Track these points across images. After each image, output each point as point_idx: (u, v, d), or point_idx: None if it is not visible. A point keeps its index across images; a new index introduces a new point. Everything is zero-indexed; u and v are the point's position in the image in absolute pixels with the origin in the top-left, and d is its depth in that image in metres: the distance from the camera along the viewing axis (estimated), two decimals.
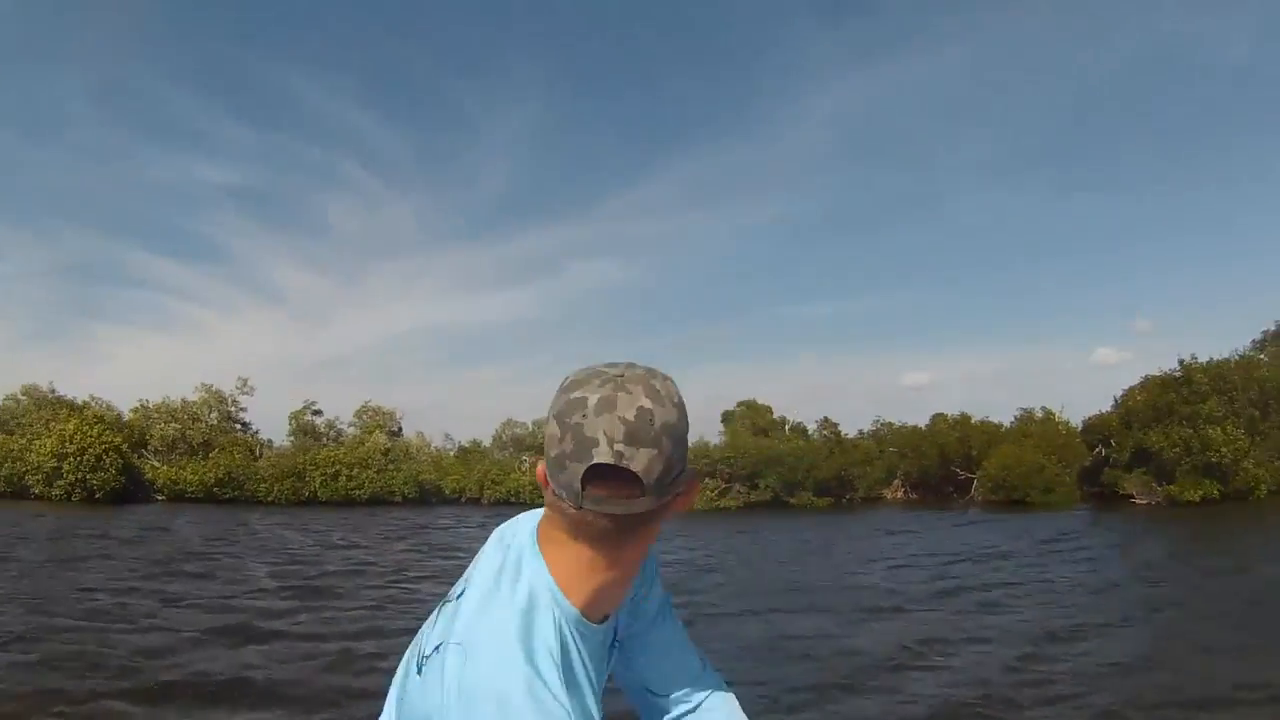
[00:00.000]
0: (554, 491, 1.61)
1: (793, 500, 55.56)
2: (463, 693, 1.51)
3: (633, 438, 1.51)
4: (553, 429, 1.57)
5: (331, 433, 67.96)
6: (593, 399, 1.53)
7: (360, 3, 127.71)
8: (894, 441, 62.92)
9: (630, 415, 1.51)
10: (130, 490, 52.65)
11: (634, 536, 1.65)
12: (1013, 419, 63.27)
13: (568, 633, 1.63)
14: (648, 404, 1.54)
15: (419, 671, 1.66)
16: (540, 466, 1.66)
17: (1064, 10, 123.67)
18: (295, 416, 67.98)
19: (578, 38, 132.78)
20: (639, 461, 1.51)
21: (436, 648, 1.63)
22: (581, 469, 1.51)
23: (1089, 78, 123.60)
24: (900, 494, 61.57)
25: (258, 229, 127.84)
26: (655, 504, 1.58)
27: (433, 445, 69.96)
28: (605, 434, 1.50)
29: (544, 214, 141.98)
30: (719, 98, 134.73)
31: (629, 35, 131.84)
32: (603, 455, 1.50)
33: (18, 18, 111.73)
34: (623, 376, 1.59)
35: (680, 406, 1.62)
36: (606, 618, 1.75)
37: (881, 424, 66.97)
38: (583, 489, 1.53)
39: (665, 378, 1.66)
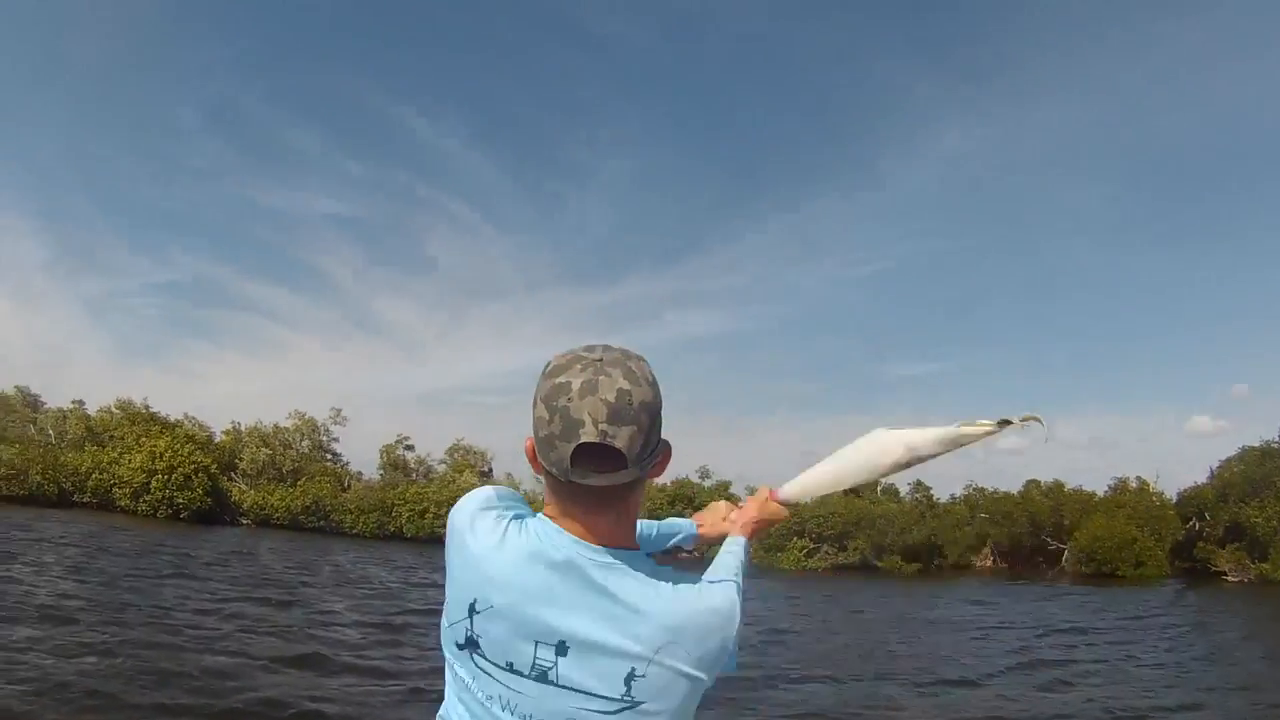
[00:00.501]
0: (544, 467, 1.86)
1: (881, 564, 54.25)
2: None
3: (615, 417, 1.75)
4: (540, 411, 1.82)
5: (422, 469, 68.17)
6: (576, 383, 1.78)
7: (476, 44, 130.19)
8: (986, 507, 61.09)
9: (611, 397, 1.76)
10: (216, 511, 53.21)
11: (620, 502, 1.91)
12: (1107, 488, 61.66)
13: None
14: (626, 385, 1.79)
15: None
16: (529, 443, 1.91)
17: (1160, 78, 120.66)
18: (387, 450, 68.35)
19: (681, 88, 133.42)
20: (621, 439, 1.76)
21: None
22: (570, 448, 1.76)
23: (1194, 138, 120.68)
24: (990, 562, 59.54)
25: (363, 261, 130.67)
26: (636, 474, 1.84)
27: (523, 487, 69.57)
28: (590, 415, 1.75)
29: (644, 262, 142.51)
30: (820, 150, 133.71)
31: (731, 87, 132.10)
32: (589, 435, 1.75)
33: (136, 37, 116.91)
34: (601, 360, 1.83)
35: (654, 385, 1.87)
36: None
37: (974, 489, 64.97)
38: (571, 465, 1.78)
39: (639, 359, 1.90)
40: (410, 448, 68.94)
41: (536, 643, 1.83)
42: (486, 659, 1.89)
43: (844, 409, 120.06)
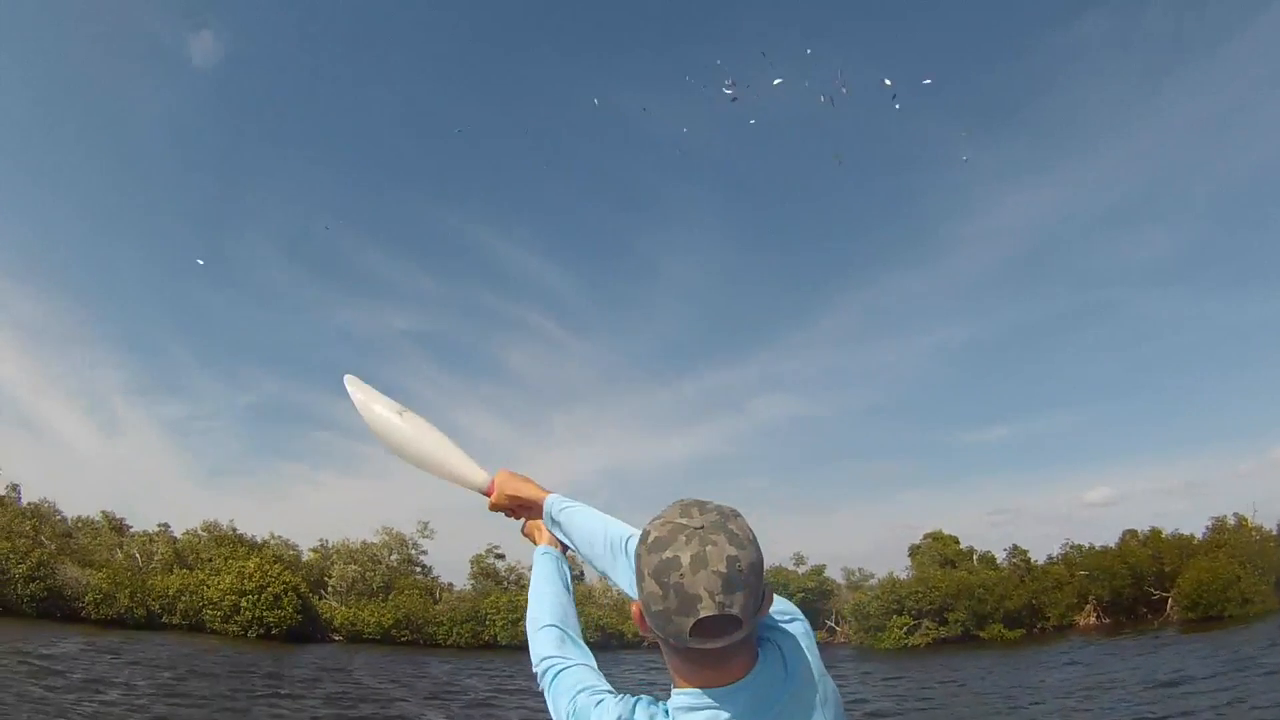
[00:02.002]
0: (659, 636, 1.95)
1: (983, 634, 53.14)
2: None
3: (729, 587, 1.82)
4: (651, 587, 1.88)
5: (513, 576, 67.74)
6: (685, 557, 1.85)
7: (543, 157, 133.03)
8: (1084, 564, 59.81)
9: (723, 568, 1.83)
10: (307, 629, 53.08)
11: (738, 650, 1.96)
12: (1204, 529, 60.41)
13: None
14: (734, 551, 1.85)
15: None
16: (636, 609, 2.01)
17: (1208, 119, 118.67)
18: (477, 560, 68.31)
19: (748, 179, 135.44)
20: (737, 606, 1.83)
21: None
22: (689, 622, 1.83)
23: (1257, 176, 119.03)
24: (1093, 619, 57.87)
25: (441, 374, 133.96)
26: (749, 629, 1.91)
27: (615, 589, 68.66)
28: (706, 590, 1.81)
29: (722, 353, 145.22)
30: (885, 228, 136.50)
31: (796, 174, 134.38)
32: (707, 609, 1.81)
33: (216, 181, 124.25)
34: (703, 529, 1.88)
35: (755, 543, 1.92)
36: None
37: (1071, 546, 64.01)
38: (690, 635, 1.85)
39: (735, 515, 1.96)
40: (500, 556, 68.83)
41: None
42: None
43: (927, 482, 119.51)
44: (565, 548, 2.96)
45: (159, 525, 66.87)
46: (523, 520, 3.18)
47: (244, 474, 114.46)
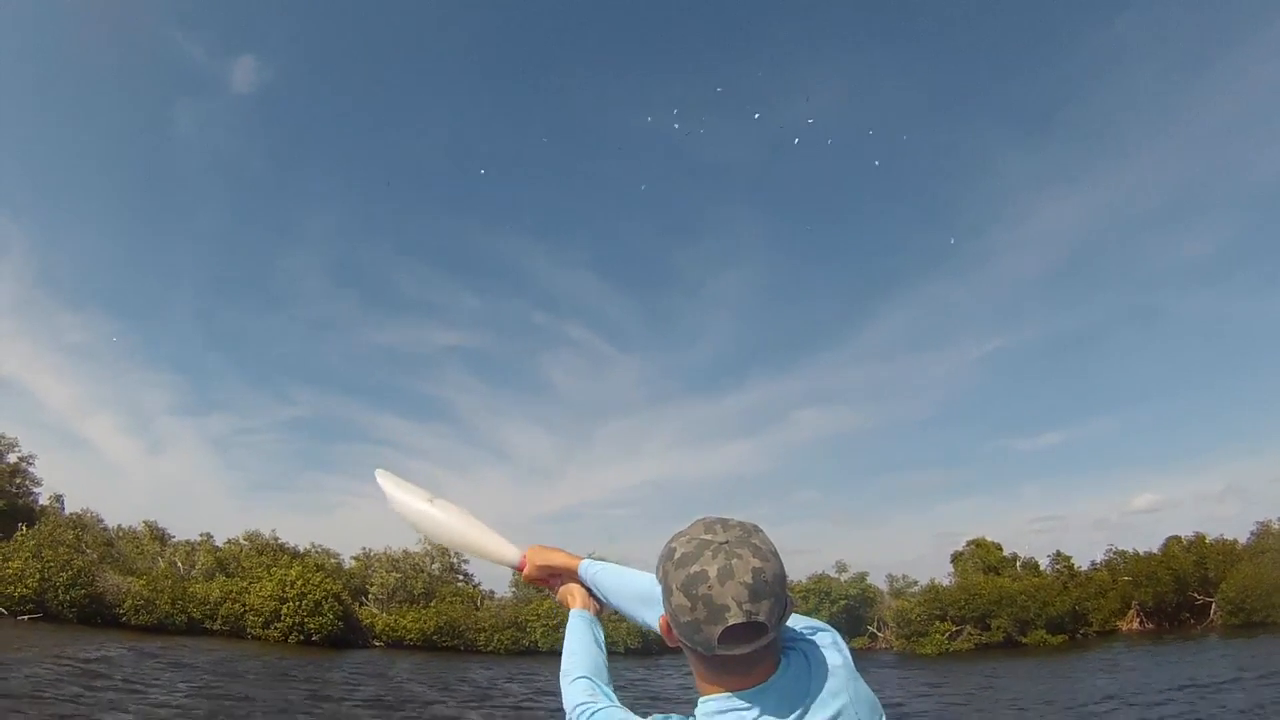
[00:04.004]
0: (686, 645, 2.11)
1: (1026, 640, 53.09)
2: None
3: (755, 596, 1.99)
4: (680, 600, 2.05)
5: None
6: (712, 570, 2.01)
7: (583, 173, 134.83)
8: (1128, 570, 59.86)
9: (749, 579, 2.00)
10: (348, 635, 53.77)
11: (765, 656, 2.11)
12: (1249, 534, 59.84)
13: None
14: (758, 563, 2.03)
15: None
16: (663, 621, 2.18)
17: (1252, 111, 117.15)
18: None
19: (786, 194, 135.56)
20: (763, 613, 2.00)
21: None
22: (718, 630, 2.00)
23: None
24: (1136, 624, 57.85)
25: (484, 389, 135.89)
26: (773, 636, 2.07)
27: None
28: (734, 599, 1.98)
29: (766, 366, 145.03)
30: (928, 238, 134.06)
31: (836, 185, 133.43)
32: (735, 617, 1.98)
33: (260, 204, 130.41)
34: (728, 543, 2.05)
35: (777, 555, 2.09)
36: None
37: (1114, 552, 63.94)
38: (718, 643, 2.01)
39: (758, 530, 2.13)
40: None
41: None
42: None
43: (971, 491, 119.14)
44: (599, 610, 3.14)
45: (202, 535, 67.99)
46: (556, 589, 3.30)
47: (287, 488, 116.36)
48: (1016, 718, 24.69)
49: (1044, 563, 63.76)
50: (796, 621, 2.32)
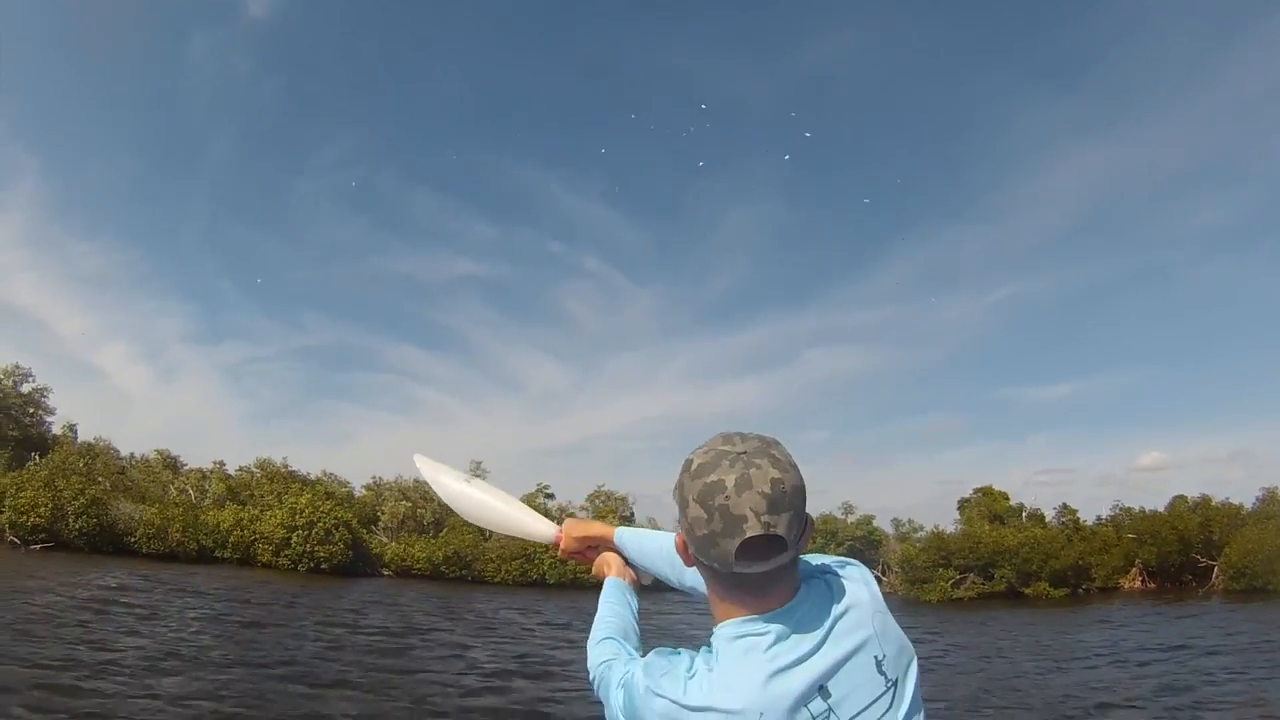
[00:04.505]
0: (702, 562, 2.06)
1: (1028, 591, 53.62)
2: None
3: (773, 507, 1.92)
4: (696, 511, 1.98)
5: (562, 516, 68.43)
6: (729, 480, 1.94)
7: (602, 104, 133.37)
8: (1133, 527, 59.63)
9: (767, 489, 1.92)
10: (357, 564, 54.53)
11: (784, 577, 2.06)
12: (1255, 500, 59.95)
13: None
14: (777, 474, 1.95)
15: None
16: (679, 539, 2.12)
17: None
18: (527, 500, 68.62)
19: (804, 131, 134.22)
20: (782, 526, 1.93)
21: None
22: (735, 543, 1.92)
23: None
24: (1138, 583, 57.86)
25: (498, 318, 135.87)
26: (794, 554, 2.01)
27: (663, 529, 69.65)
28: (751, 510, 1.91)
29: (778, 304, 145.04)
30: (947, 181, 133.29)
31: (857, 124, 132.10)
32: (753, 529, 1.91)
33: (275, 130, 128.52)
34: (746, 453, 1.98)
35: (796, 468, 2.02)
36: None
37: (1120, 509, 63.77)
38: (735, 559, 1.94)
39: (777, 443, 2.06)
40: (550, 496, 69.89)
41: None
42: None
43: (979, 438, 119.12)
44: (635, 579, 3.20)
45: (214, 463, 68.73)
46: (593, 562, 3.36)
47: (299, 416, 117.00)
48: (1011, 667, 25.04)
49: (1049, 515, 63.96)
50: (823, 557, 2.32)
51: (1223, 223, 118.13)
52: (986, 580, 54.34)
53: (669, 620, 29.72)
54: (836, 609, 2.08)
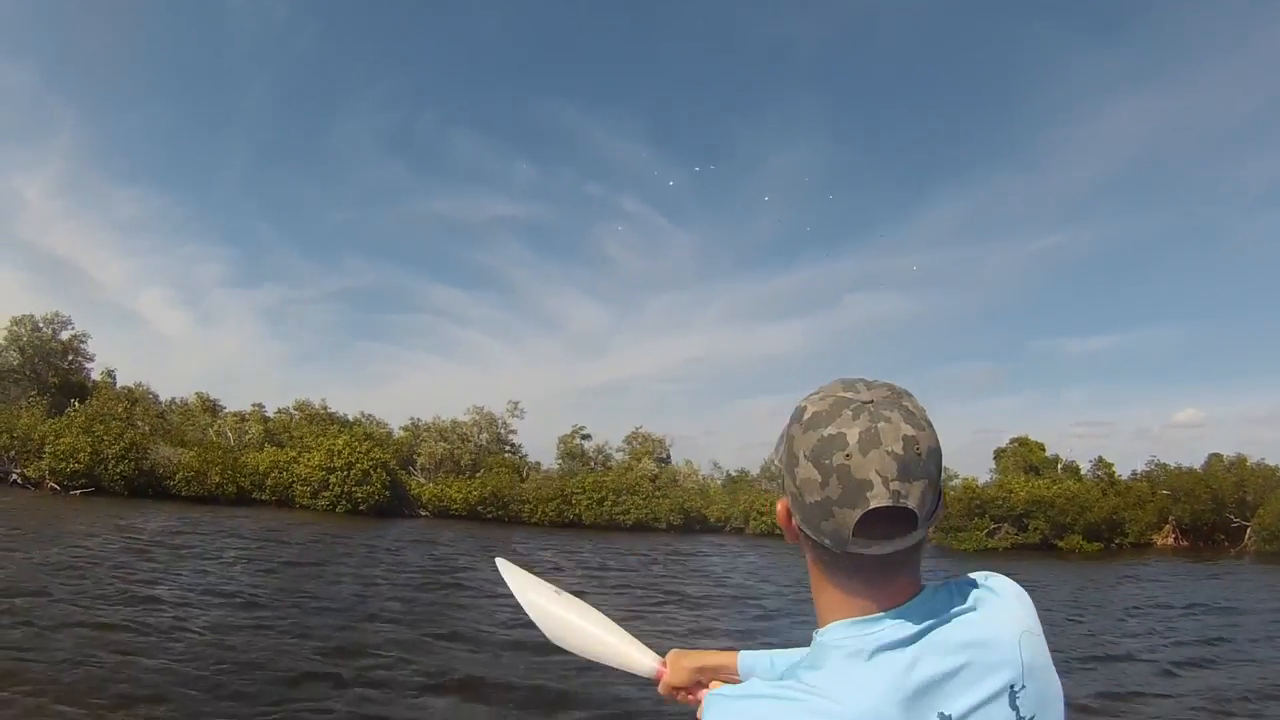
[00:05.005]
0: (809, 536, 1.57)
1: (1061, 544, 53.53)
2: None
3: (905, 473, 1.44)
4: (808, 471, 1.50)
5: (600, 457, 69.36)
6: (851, 435, 1.46)
7: (643, 48, 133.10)
8: (1167, 484, 59.62)
9: (898, 448, 1.45)
10: (395, 505, 55.27)
11: (907, 565, 1.57)
12: None
13: None
14: (910, 431, 1.48)
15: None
16: (782, 506, 1.64)
17: None
18: (565, 440, 69.95)
19: (852, 75, 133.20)
20: (914, 497, 1.45)
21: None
22: (855, 515, 1.45)
23: None
24: (1171, 540, 57.77)
25: (537, 259, 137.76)
26: (925, 534, 1.54)
27: (700, 473, 70.21)
28: (878, 473, 1.43)
29: (819, 248, 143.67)
30: (993, 129, 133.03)
31: (903, 71, 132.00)
32: (880, 498, 1.43)
33: (308, 79, 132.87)
34: (872, 403, 1.51)
35: (932, 425, 1.55)
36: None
37: (1155, 464, 63.90)
38: (853, 535, 1.47)
39: (909, 394, 1.60)
40: (587, 437, 70.60)
41: None
42: None
43: (1017, 388, 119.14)
44: None
45: (253, 405, 69.57)
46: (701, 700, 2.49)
47: (338, 358, 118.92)
48: (1045, 617, 25.11)
49: (1085, 468, 63.87)
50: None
51: (1274, 178, 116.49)
52: (1021, 531, 54.41)
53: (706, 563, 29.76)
54: (974, 627, 1.57)
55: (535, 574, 3.02)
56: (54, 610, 14.94)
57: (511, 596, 2.85)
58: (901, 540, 1.49)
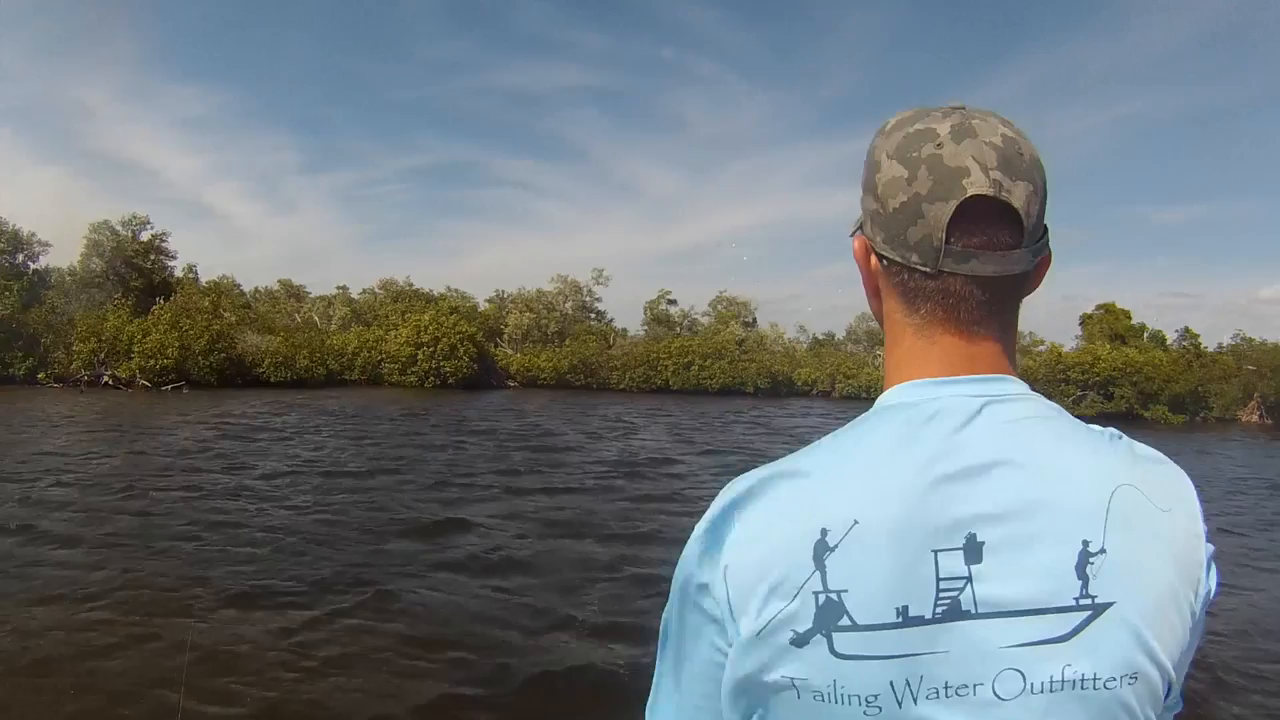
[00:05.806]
0: (894, 260, 1.22)
1: (1146, 414, 52.65)
2: None
3: (1008, 166, 1.16)
4: (893, 170, 1.20)
5: (686, 322, 69.33)
6: (943, 128, 1.18)
7: None
8: (1253, 358, 57.91)
9: (998, 140, 1.17)
10: (483, 377, 55.97)
11: (1011, 304, 1.24)
12: None
13: None
14: (1010, 132, 1.19)
15: None
16: (859, 241, 1.30)
17: None
18: (650, 306, 69.95)
19: None
20: (1018, 195, 1.15)
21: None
22: (949, 208, 1.14)
23: None
24: (1255, 417, 56.01)
25: (614, 128, 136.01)
26: (1029, 264, 1.20)
27: (786, 337, 70.04)
28: (975, 160, 1.15)
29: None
30: None
31: None
32: (978, 185, 1.14)
33: None
34: (965, 108, 1.23)
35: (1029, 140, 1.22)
36: None
37: (1242, 338, 62.45)
38: (948, 239, 1.15)
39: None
40: (673, 302, 70.52)
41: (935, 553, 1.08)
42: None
43: (1101, 255, 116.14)
44: None
45: (338, 288, 70.45)
46: None
47: (416, 235, 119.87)
48: None
49: (1171, 338, 63.06)
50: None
51: None
52: (1107, 400, 53.91)
53: (791, 423, 29.47)
54: (1072, 450, 1.22)
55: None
56: (159, 498, 15.28)
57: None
58: (1002, 259, 1.16)
